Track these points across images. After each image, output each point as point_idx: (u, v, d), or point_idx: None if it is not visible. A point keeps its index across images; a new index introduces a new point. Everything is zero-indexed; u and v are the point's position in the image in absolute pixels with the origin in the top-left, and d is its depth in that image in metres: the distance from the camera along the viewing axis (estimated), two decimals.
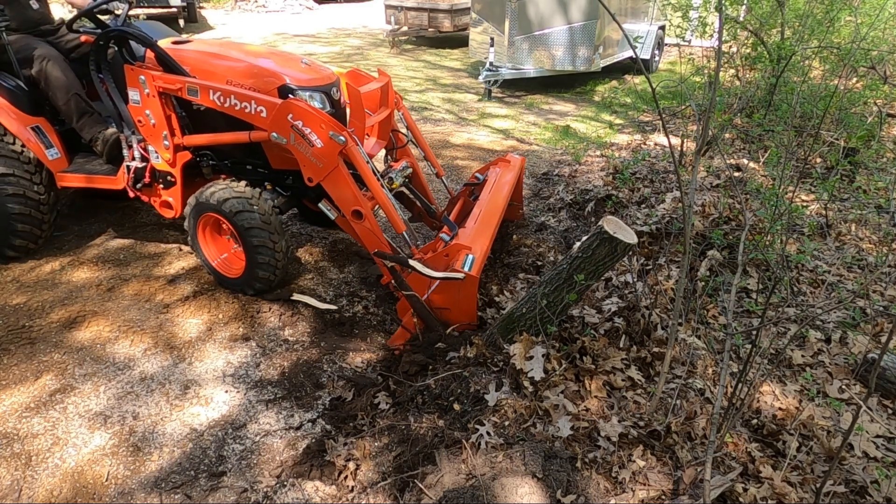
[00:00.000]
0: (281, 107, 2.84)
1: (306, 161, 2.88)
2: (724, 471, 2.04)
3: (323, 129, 2.79)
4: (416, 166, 3.70)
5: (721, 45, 2.50)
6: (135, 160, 3.31)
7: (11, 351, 2.82)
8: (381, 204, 2.93)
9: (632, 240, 2.27)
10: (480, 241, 2.92)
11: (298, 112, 2.81)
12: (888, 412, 2.47)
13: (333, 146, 2.79)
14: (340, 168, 2.84)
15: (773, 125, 4.91)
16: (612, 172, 5.16)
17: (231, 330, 3.03)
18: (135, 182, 3.35)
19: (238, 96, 2.95)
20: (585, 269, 2.34)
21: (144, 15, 9.81)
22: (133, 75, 3.08)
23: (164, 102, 3.13)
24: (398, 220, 2.92)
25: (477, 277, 2.68)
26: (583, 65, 8.29)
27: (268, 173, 3.36)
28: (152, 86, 3.06)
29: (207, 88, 3.00)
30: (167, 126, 3.15)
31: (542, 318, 2.46)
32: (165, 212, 3.45)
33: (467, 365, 2.48)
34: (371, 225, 2.91)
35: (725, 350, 2.12)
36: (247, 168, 3.39)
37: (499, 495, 1.92)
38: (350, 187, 2.87)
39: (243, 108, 2.95)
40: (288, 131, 2.85)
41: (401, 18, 11.78)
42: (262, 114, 2.92)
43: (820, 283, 3.33)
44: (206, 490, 2.18)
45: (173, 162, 3.24)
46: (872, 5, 6.63)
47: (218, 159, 3.36)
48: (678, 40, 6.45)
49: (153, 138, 3.21)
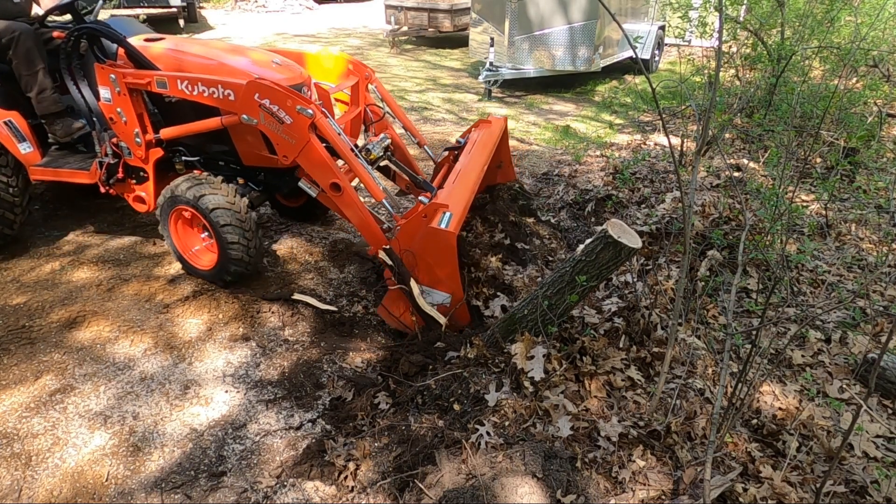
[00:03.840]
0: (247, 87, 2.88)
1: (279, 139, 2.91)
2: (724, 471, 2.04)
3: (290, 104, 2.82)
4: (397, 138, 3.73)
5: (721, 45, 2.50)
6: (107, 156, 3.36)
7: (11, 351, 2.82)
8: (358, 174, 2.96)
9: (636, 244, 2.26)
10: (458, 198, 2.91)
11: (265, 90, 2.85)
12: (888, 412, 2.47)
13: (302, 120, 2.82)
14: (313, 142, 2.87)
15: (773, 125, 4.91)
16: (612, 172, 5.16)
17: (231, 330, 3.03)
18: (107, 178, 3.41)
19: (205, 83, 2.98)
20: (589, 273, 2.33)
21: (144, 15, 9.80)
22: (104, 74, 3.11)
23: (136, 100, 3.17)
24: (376, 189, 2.95)
25: (455, 233, 2.66)
26: (583, 65, 8.29)
27: (240, 169, 3.42)
28: (122, 83, 3.09)
29: (175, 79, 3.03)
30: (139, 124, 3.19)
31: (544, 320, 2.46)
32: (138, 206, 3.52)
33: (468, 365, 2.48)
34: (351, 197, 2.94)
35: (725, 350, 2.12)
36: (219, 164, 3.45)
37: (499, 495, 1.92)
38: (325, 161, 2.90)
39: (212, 94, 2.98)
40: (257, 111, 2.89)
41: (401, 18, 11.78)
42: (231, 97, 2.95)
43: (820, 283, 3.33)
44: (206, 490, 2.18)
45: (146, 158, 3.29)
46: (872, 5, 6.63)
47: (190, 155, 3.42)
48: (678, 40, 6.45)
49: (125, 135, 3.25)
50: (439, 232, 2.65)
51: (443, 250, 2.71)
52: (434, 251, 2.73)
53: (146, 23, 9.26)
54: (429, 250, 2.75)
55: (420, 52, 11.73)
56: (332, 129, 2.91)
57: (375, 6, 17.09)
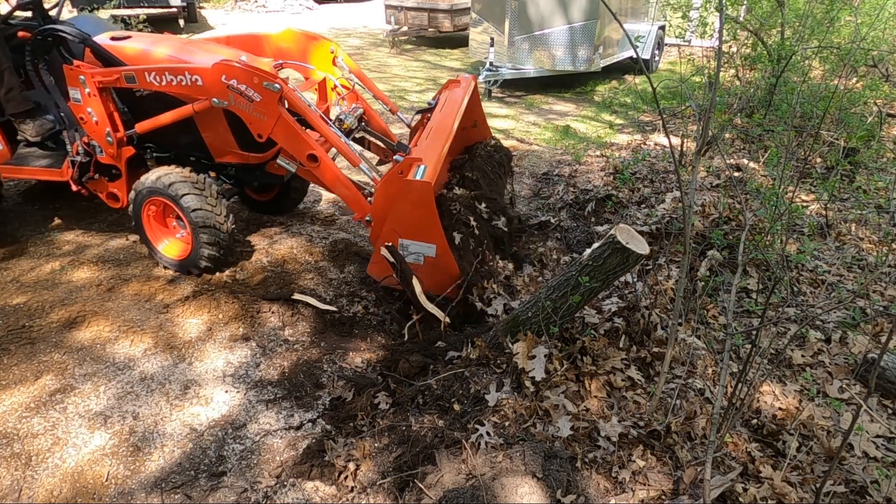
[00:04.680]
0: (213, 69, 2.91)
1: (251, 118, 2.95)
2: (724, 471, 2.04)
3: (256, 81, 2.85)
4: (370, 109, 3.76)
5: (721, 45, 2.50)
6: (79, 155, 3.40)
7: (11, 351, 2.82)
8: (332, 142, 2.99)
9: (644, 250, 2.24)
10: (431, 151, 2.93)
11: (231, 71, 2.88)
12: (888, 412, 2.47)
13: (271, 95, 2.86)
14: (284, 116, 2.90)
15: (773, 125, 4.91)
16: (612, 172, 5.16)
17: (231, 330, 3.03)
18: (80, 176, 3.46)
19: (172, 71, 3.01)
20: (595, 277, 2.33)
21: (144, 15, 9.80)
22: (73, 75, 3.14)
23: (105, 99, 3.20)
24: (352, 155, 2.98)
25: (430, 182, 2.68)
26: (583, 65, 8.29)
27: (210, 164, 3.49)
28: (92, 84, 3.12)
29: (143, 72, 3.06)
30: (110, 123, 3.23)
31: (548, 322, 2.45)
32: (112, 203, 3.59)
33: (469, 365, 2.47)
34: (328, 166, 2.97)
35: (725, 350, 2.12)
36: (190, 160, 3.51)
37: (499, 495, 1.92)
38: (298, 133, 2.93)
39: (180, 82, 3.01)
40: (226, 93, 2.93)
41: (401, 18, 11.78)
42: (199, 82, 2.98)
43: (820, 283, 3.33)
44: (206, 490, 2.18)
45: (118, 156, 3.35)
46: (872, 5, 6.64)
47: (162, 151, 3.48)
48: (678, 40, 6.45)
49: (97, 135, 3.30)
50: (415, 183, 2.67)
51: (421, 201, 2.72)
52: (412, 204, 2.74)
53: (146, 23, 9.27)
54: (407, 204, 2.76)
55: (420, 52, 11.72)
56: (301, 101, 2.94)
57: (375, 6, 17.09)
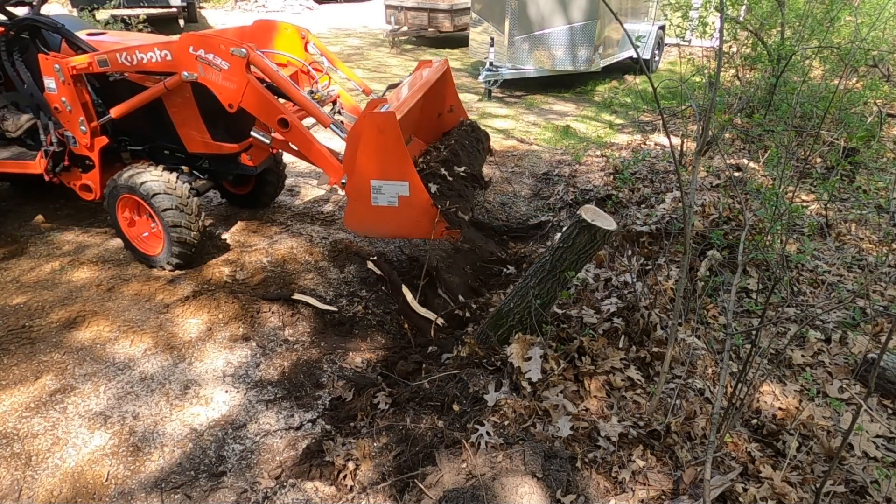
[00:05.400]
0: (180, 42, 2.94)
1: (220, 88, 2.97)
2: (724, 471, 2.04)
3: (223, 49, 2.87)
4: (343, 93, 3.80)
5: (722, 45, 2.50)
6: (52, 145, 3.43)
7: (11, 351, 2.82)
8: (300, 103, 3.00)
9: (611, 226, 2.27)
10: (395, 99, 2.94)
11: (198, 41, 2.91)
12: (888, 412, 2.46)
13: (238, 62, 2.87)
14: (252, 83, 2.91)
15: (773, 125, 4.91)
16: (612, 172, 5.16)
17: (231, 330, 3.03)
18: (53, 167, 3.48)
19: (142, 49, 3.03)
20: (568, 259, 2.34)
21: (144, 15, 9.80)
22: (48, 64, 3.18)
23: (80, 89, 3.24)
24: (322, 115, 2.99)
25: (394, 112, 2.66)
26: (583, 65, 8.29)
27: (184, 157, 3.53)
28: (67, 72, 3.15)
29: (114, 53, 3.09)
30: (83, 112, 3.27)
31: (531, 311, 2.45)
32: (85, 195, 3.61)
33: (462, 366, 2.48)
34: (300, 130, 2.97)
35: (725, 350, 2.12)
36: (164, 153, 3.56)
37: (499, 495, 1.92)
38: (268, 99, 2.94)
39: (150, 59, 3.03)
40: (194, 64, 2.95)
41: (401, 18, 11.77)
42: (168, 57, 3.00)
43: (820, 283, 3.33)
44: (206, 490, 2.18)
45: (91, 146, 3.37)
46: (872, 5, 6.64)
47: (135, 144, 3.52)
48: (678, 40, 6.45)
49: (70, 124, 3.33)
50: (378, 115, 2.64)
51: (387, 132, 2.67)
52: (379, 139, 2.69)
53: (146, 23, 9.26)
54: (373, 141, 2.71)
55: (420, 52, 11.72)
56: (268, 65, 2.95)
57: (375, 6, 17.09)
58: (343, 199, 4.68)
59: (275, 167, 4.20)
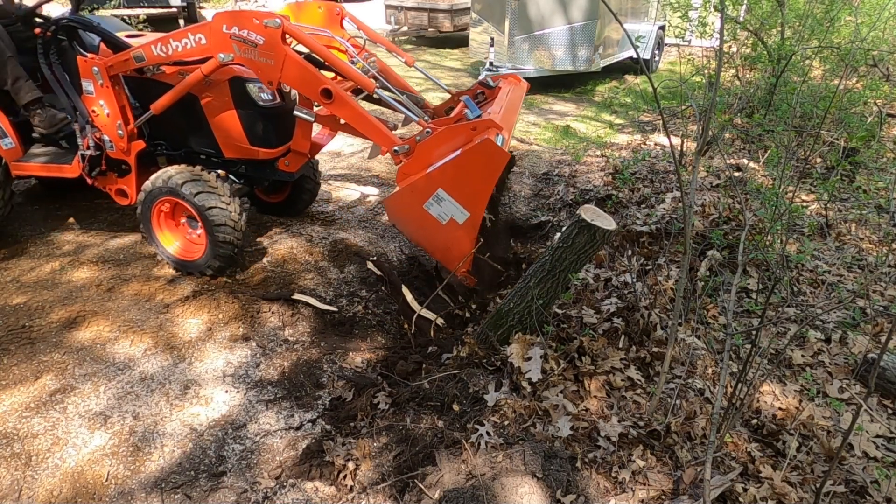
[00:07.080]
0: (213, 22, 2.88)
1: (259, 66, 2.90)
2: (724, 471, 2.04)
3: (257, 22, 2.81)
4: (386, 66, 3.74)
5: (722, 45, 2.50)
6: (89, 149, 3.39)
7: (11, 351, 2.82)
8: (342, 70, 2.93)
9: (610, 226, 2.27)
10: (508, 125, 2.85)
11: (230, 19, 2.84)
12: (888, 412, 2.46)
13: (273, 34, 2.79)
14: (290, 54, 2.85)
15: (773, 125, 4.91)
16: (612, 172, 5.16)
17: (231, 330, 3.03)
18: (90, 170, 3.44)
19: (175, 37, 2.99)
20: (567, 259, 2.34)
21: (144, 15, 9.80)
22: (86, 66, 3.14)
23: (118, 91, 3.20)
24: (366, 81, 2.92)
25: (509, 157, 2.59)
26: (583, 65, 8.29)
27: (220, 162, 3.47)
28: (105, 73, 3.12)
29: (149, 45, 3.04)
30: (121, 115, 3.23)
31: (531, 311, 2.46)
32: (120, 199, 3.56)
33: (462, 366, 2.48)
34: (344, 99, 2.87)
35: (725, 350, 2.12)
36: (200, 157, 3.49)
37: (499, 495, 1.92)
38: (308, 70, 2.86)
39: (185, 46, 2.98)
40: (229, 44, 2.87)
41: (401, 18, 11.78)
42: (202, 41, 2.95)
43: (820, 283, 3.33)
44: (206, 490, 2.18)
45: (128, 150, 3.33)
46: (872, 5, 6.64)
47: (172, 148, 3.47)
48: (678, 40, 6.45)
49: (107, 128, 3.29)
50: (496, 147, 2.56)
51: (489, 167, 2.62)
52: (478, 165, 2.63)
53: (146, 23, 9.27)
54: (473, 163, 2.64)
55: (420, 52, 11.72)
56: (304, 35, 2.89)
57: (375, 6, 17.07)
58: (345, 200, 4.68)
59: (311, 174, 4.09)
